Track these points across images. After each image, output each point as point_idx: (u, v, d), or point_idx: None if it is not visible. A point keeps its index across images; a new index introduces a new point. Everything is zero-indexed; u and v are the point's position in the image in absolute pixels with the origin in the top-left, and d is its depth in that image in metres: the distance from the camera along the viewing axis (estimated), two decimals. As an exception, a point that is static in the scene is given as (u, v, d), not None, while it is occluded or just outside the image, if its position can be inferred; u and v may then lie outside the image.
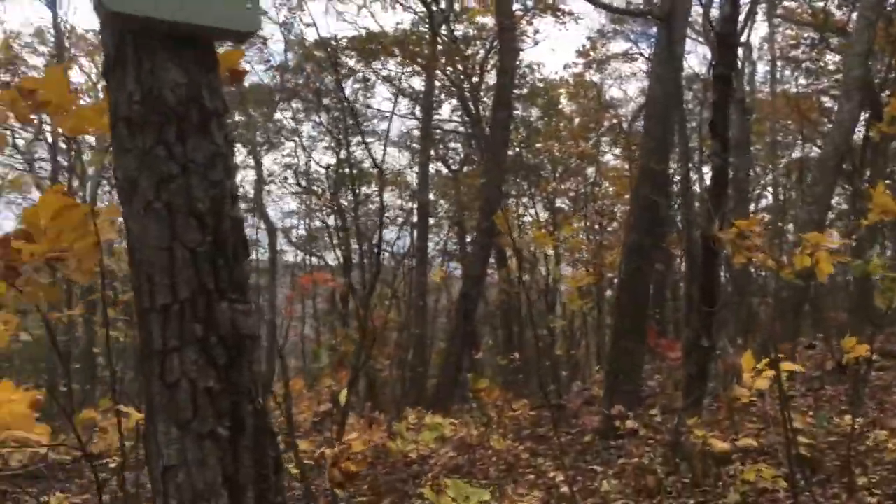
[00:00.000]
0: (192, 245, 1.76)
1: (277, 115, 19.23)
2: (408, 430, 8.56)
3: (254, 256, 22.73)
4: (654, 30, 12.30)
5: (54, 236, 1.98)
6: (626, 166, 19.33)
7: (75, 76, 18.79)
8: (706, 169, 11.49)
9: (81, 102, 2.26)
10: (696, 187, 13.23)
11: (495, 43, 15.72)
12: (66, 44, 18.26)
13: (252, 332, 1.83)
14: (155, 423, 1.76)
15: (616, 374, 9.46)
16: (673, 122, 10.56)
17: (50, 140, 16.84)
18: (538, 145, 20.09)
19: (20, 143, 17.82)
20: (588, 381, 15.02)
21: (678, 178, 12.31)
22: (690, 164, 11.64)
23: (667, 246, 14.94)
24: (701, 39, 18.29)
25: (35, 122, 2.20)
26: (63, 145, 16.62)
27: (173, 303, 1.74)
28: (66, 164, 17.45)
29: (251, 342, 1.83)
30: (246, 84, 18.23)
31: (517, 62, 14.47)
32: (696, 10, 13.12)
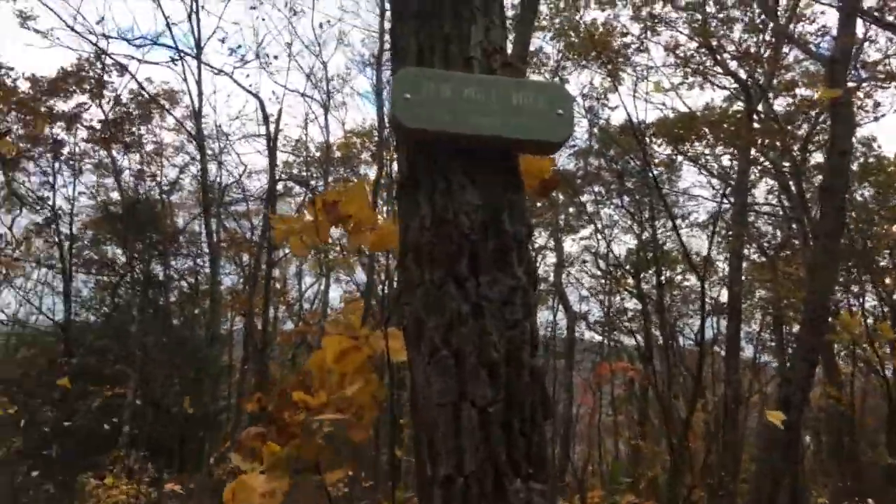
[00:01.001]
0: (481, 403, 1.43)
1: (580, 199, 19.26)
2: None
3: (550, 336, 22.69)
4: None
5: (336, 385, 1.81)
6: None
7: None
8: None
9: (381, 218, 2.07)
10: None
11: (822, 118, 14.14)
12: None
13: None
14: None
15: None
16: None
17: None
18: (874, 229, 17.51)
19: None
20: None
21: None
22: None
23: None
24: None
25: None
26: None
27: (457, 476, 1.41)
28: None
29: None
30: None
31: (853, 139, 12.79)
32: None
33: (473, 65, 1.60)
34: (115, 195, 20.03)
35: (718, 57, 13.82)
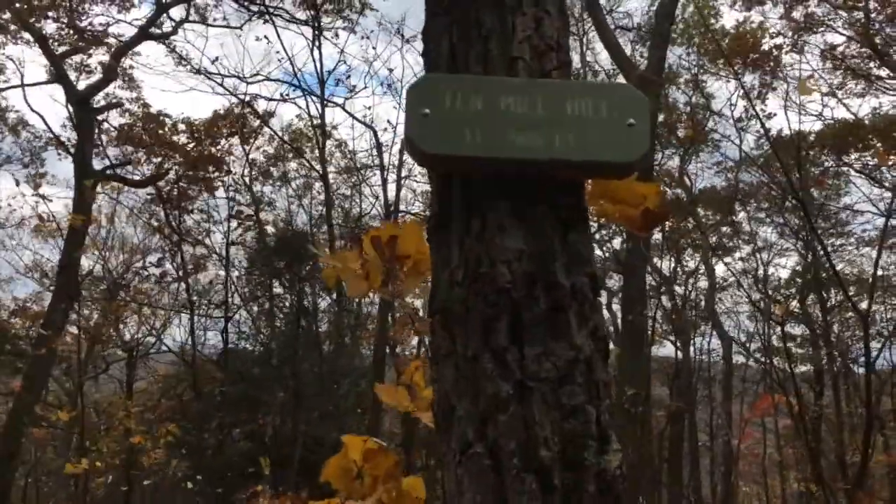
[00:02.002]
0: (527, 521, 1.05)
1: (734, 217, 17.97)
2: None
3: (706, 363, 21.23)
4: None
5: (369, 489, 1.49)
6: None
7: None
8: None
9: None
10: None
11: None
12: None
13: None
14: None
15: None
16: None
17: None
18: None
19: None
20: None
21: None
22: None
23: None
24: None
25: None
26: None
27: None
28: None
29: None
30: (697, 188, 17.49)
31: None
32: None
33: (519, 67, 1.23)
34: (270, 228, 20.98)
35: (886, 58, 12.42)
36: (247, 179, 18.56)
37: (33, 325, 18.44)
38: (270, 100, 15.25)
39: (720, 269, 18.79)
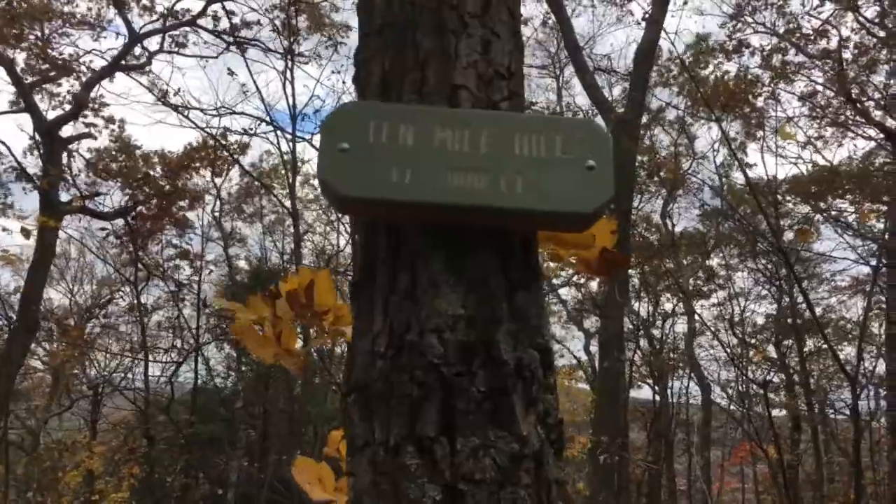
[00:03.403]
0: None
1: (709, 262, 17.91)
2: None
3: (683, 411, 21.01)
4: None
5: None
6: None
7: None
8: None
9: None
10: None
11: None
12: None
13: None
14: None
15: None
16: None
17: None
18: None
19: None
20: None
21: None
22: None
23: None
24: None
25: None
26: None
27: None
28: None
29: None
30: (678, 230, 17.46)
31: None
32: None
33: (461, 97, 1.03)
34: (242, 263, 20.63)
35: (859, 106, 12.52)
36: (217, 214, 18.29)
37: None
38: (242, 134, 15.06)
39: (699, 313, 18.69)
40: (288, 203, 14.59)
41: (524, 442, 0.90)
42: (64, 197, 13.40)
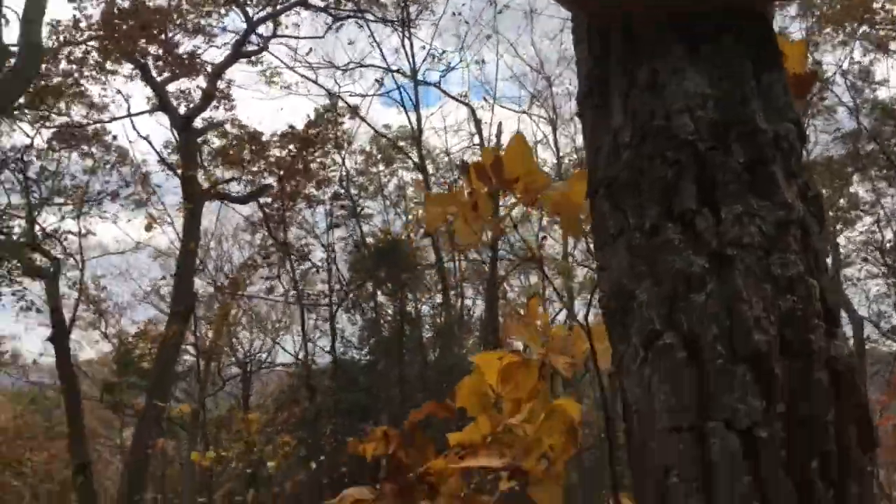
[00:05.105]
0: (744, 423, 0.82)
1: (853, 189, 16.77)
2: None
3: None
4: None
5: (509, 416, 1.28)
6: None
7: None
8: None
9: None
10: None
11: None
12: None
13: None
14: None
15: None
16: None
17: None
18: None
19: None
20: None
21: None
22: None
23: None
24: None
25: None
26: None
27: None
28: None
29: None
30: (811, 155, 16.47)
31: None
32: None
33: None
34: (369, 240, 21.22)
35: None
36: (342, 189, 18.83)
37: (153, 346, 19.25)
38: (364, 96, 15.36)
39: (843, 243, 17.56)
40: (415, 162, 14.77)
41: (789, 209, 0.88)
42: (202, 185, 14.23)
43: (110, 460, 25.02)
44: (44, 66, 11.63)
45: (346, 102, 14.37)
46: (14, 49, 10.24)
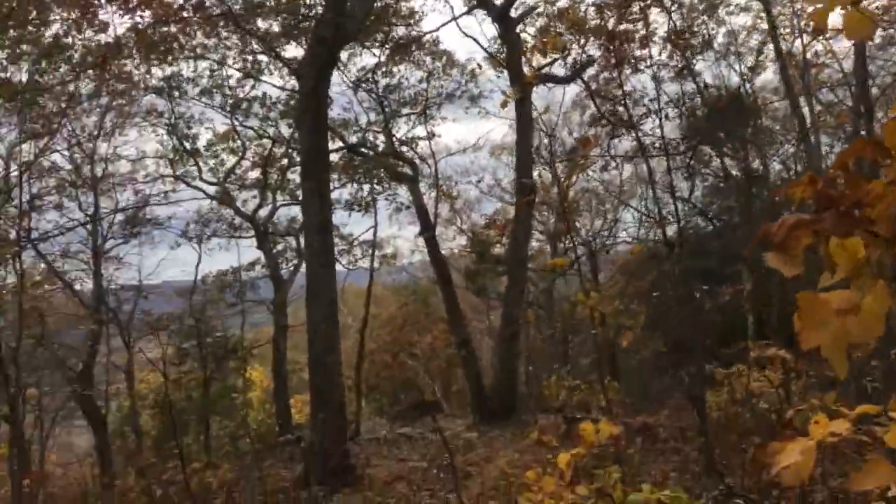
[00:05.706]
0: None
1: None
2: None
3: None
4: None
5: None
6: None
7: None
8: None
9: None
10: None
11: None
12: None
13: None
14: None
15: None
16: None
17: None
18: None
19: None
20: None
21: None
22: None
23: None
24: None
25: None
26: None
27: None
28: None
29: None
30: None
31: None
32: None
33: None
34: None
35: None
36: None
37: (503, 235, 20.72)
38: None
39: None
40: None
41: None
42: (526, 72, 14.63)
43: (482, 339, 27.91)
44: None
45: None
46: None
